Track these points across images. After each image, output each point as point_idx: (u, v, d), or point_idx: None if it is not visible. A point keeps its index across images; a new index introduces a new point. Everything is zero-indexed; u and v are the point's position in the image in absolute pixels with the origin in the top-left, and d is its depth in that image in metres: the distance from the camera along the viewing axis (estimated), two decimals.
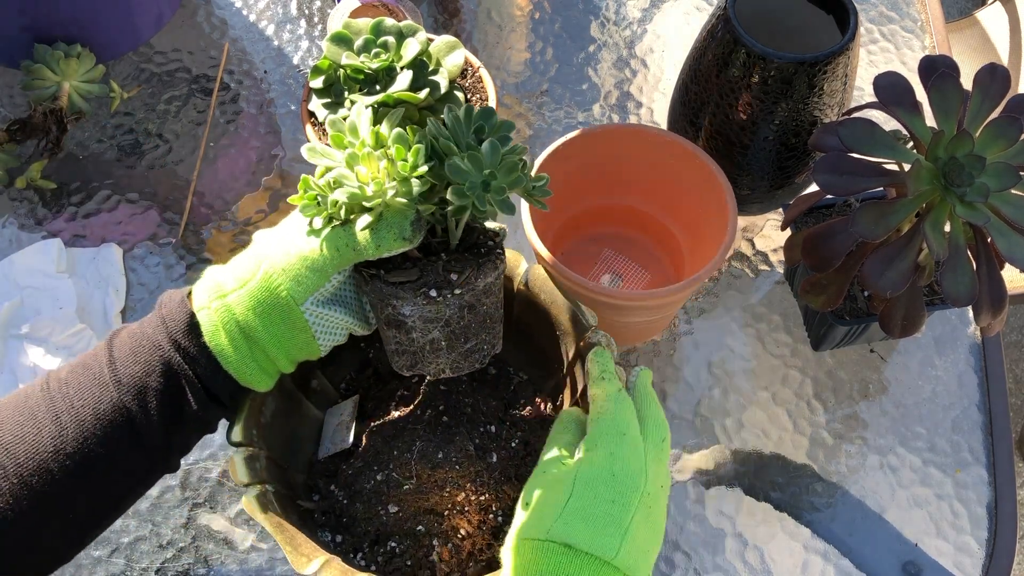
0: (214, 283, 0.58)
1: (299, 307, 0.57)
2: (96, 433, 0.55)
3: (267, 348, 0.57)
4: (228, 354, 0.56)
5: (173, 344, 0.56)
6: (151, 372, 0.56)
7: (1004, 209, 0.66)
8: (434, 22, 1.06)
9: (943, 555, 0.78)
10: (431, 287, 0.58)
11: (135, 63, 1.02)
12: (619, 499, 0.53)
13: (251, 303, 0.56)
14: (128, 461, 0.56)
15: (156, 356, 0.56)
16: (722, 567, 0.77)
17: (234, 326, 0.56)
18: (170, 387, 0.56)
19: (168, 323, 0.57)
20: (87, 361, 0.57)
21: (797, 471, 0.81)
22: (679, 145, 0.79)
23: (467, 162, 0.56)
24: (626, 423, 0.56)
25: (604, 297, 0.72)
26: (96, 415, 0.55)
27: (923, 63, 0.71)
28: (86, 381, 0.56)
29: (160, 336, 0.56)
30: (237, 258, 0.59)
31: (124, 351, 0.56)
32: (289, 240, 0.58)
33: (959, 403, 0.84)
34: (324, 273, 0.57)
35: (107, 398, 0.55)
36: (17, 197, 0.94)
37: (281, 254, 0.57)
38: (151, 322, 0.57)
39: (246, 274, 0.57)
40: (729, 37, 0.74)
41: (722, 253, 0.73)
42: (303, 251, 0.57)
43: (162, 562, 0.76)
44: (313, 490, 0.68)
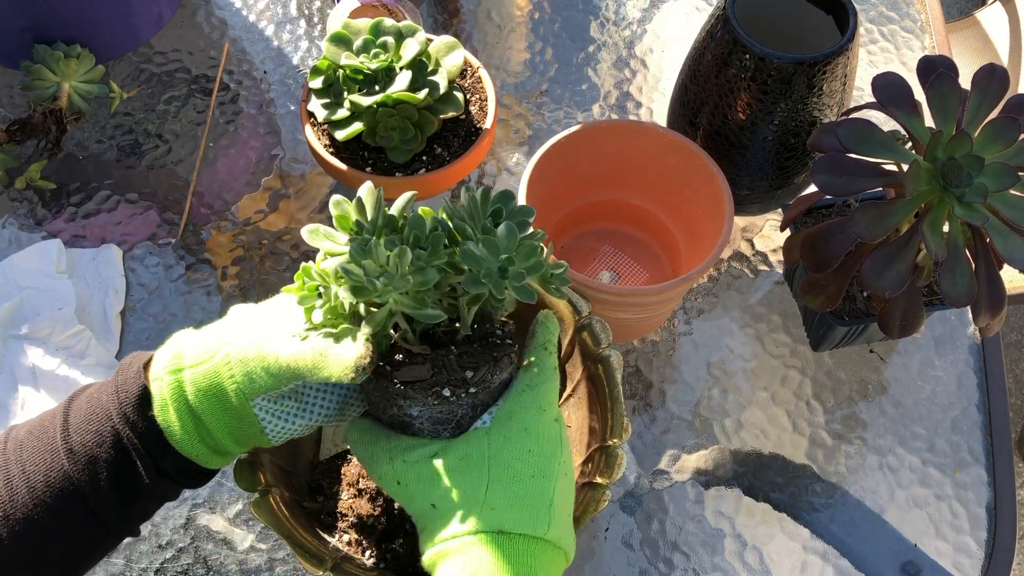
0: (174, 353, 0.55)
1: (248, 402, 0.54)
2: (47, 501, 0.53)
3: (213, 432, 0.54)
4: (175, 432, 0.54)
5: (122, 416, 0.54)
6: (102, 443, 0.53)
7: (1003, 209, 0.66)
8: (434, 22, 1.06)
9: (942, 555, 0.78)
10: (444, 386, 0.53)
11: (135, 63, 1.02)
12: (539, 472, 0.52)
13: (203, 384, 0.53)
14: (81, 531, 0.54)
15: (107, 427, 0.54)
16: (721, 567, 0.77)
17: (182, 404, 0.53)
18: (121, 460, 0.54)
19: (120, 393, 0.54)
20: (44, 423, 0.55)
21: (796, 471, 0.81)
22: (679, 143, 0.79)
23: (482, 247, 0.52)
24: (549, 400, 0.55)
25: (596, 292, 0.72)
26: (47, 483, 0.53)
27: (922, 63, 0.71)
28: (40, 446, 0.54)
29: (111, 406, 0.54)
30: (207, 328, 0.57)
31: (79, 418, 0.54)
32: (260, 330, 0.54)
33: (958, 403, 0.84)
34: (279, 380, 0.53)
35: (58, 466, 0.53)
36: (17, 197, 0.94)
37: (245, 343, 0.54)
38: (107, 388, 0.55)
39: (205, 354, 0.54)
40: (728, 37, 0.74)
41: (715, 254, 0.73)
42: (264, 352, 0.53)
43: (161, 562, 0.76)
44: (317, 491, 0.68)
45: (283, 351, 0.53)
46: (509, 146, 0.97)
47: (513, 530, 0.50)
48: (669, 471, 0.80)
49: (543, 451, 0.53)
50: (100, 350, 0.83)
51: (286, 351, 0.53)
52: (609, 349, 0.64)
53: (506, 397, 0.55)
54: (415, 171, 0.78)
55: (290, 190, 0.94)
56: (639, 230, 0.88)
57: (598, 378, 0.65)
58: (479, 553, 0.49)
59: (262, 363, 0.53)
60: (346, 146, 0.79)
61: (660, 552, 0.77)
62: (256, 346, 0.54)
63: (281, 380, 0.53)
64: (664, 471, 0.80)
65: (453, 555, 0.50)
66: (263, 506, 0.59)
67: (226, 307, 0.87)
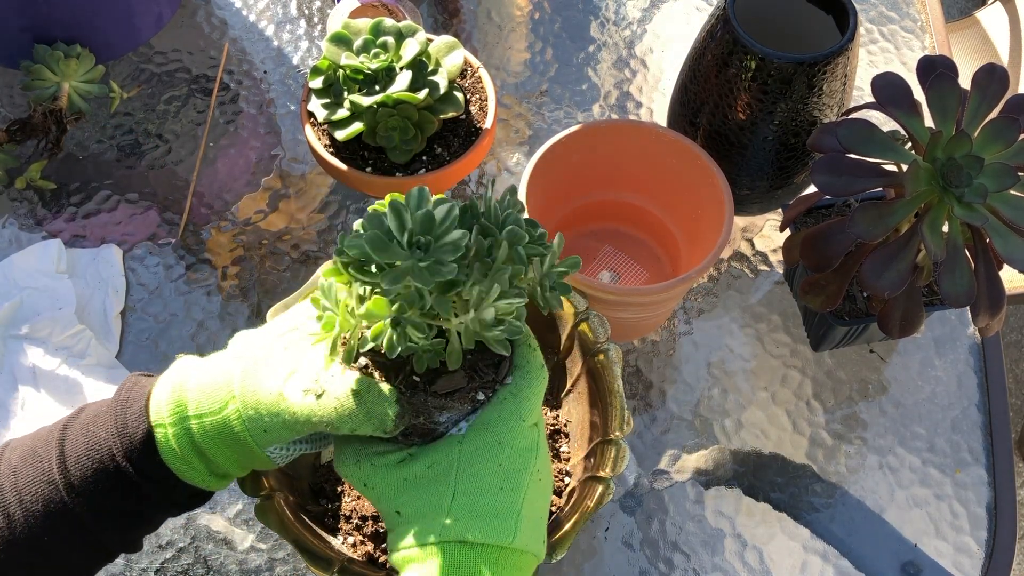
0: (176, 396, 0.54)
1: (261, 450, 0.54)
2: (48, 528, 0.53)
3: (222, 466, 0.55)
4: (183, 471, 0.54)
5: (128, 460, 0.53)
6: (103, 480, 0.53)
7: (1002, 210, 0.66)
8: (434, 22, 1.06)
9: (942, 555, 0.78)
10: (478, 391, 0.53)
11: (135, 63, 1.02)
12: (508, 485, 0.51)
13: (212, 433, 0.53)
14: (82, 553, 0.54)
15: (110, 466, 0.53)
16: (721, 567, 0.77)
17: (189, 448, 0.53)
18: (126, 497, 0.54)
19: (123, 436, 0.53)
20: (38, 451, 0.54)
21: (796, 471, 0.81)
22: (679, 143, 0.79)
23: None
24: (530, 408, 0.53)
25: (596, 292, 0.72)
26: (47, 514, 0.53)
27: (921, 63, 0.71)
28: (35, 475, 0.53)
29: (115, 448, 0.53)
30: (210, 362, 0.55)
31: (76, 451, 0.54)
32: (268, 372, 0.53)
33: (958, 403, 0.84)
34: (296, 432, 0.53)
35: (57, 499, 0.53)
36: (17, 197, 0.94)
37: (253, 393, 0.53)
38: (105, 425, 0.54)
39: (211, 404, 0.53)
40: (728, 37, 0.74)
41: (715, 253, 0.73)
42: (275, 403, 0.52)
43: (161, 562, 0.76)
44: (319, 494, 0.68)
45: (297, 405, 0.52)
46: (509, 146, 0.97)
47: (477, 540, 0.49)
48: (669, 471, 0.80)
49: (514, 463, 0.51)
50: (100, 350, 0.83)
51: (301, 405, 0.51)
52: (608, 343, 0.64)
53: (489, 404, 0.53)
54: (415, 171, 0.78)
55: (290, 190, 0.94)
56: (639, 230, 0.88)
57: (598, 372, 0.65)
58: (441, 561, 0.49)
59: (277, 418, 0.52)
60: (346, 146, 0.79)
61: (660, 552, 0.77)
62: (269, 398, 0.52)
63: (299, 433, 0.53)
64: (664, 471, 0.80)
65: (416, 562, 0.50)
66: (268, 511, 0.59)
67: (226, 307, 0.87)
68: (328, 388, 0.51)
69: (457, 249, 0.48)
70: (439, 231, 0.49)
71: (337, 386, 0.51)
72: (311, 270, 0.89)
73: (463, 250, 0.48)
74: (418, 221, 0.48)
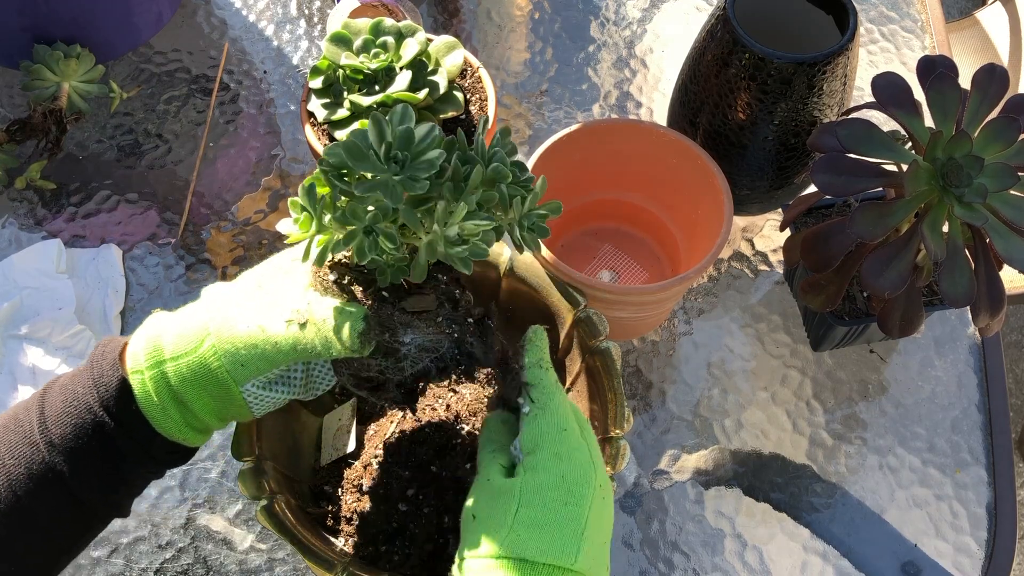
0: (152, 343, 0.54)
1: (238, 387, 0.54)
2: (30, 491, 0.53)
3: (200, 415, 0.55)
4: (159, 420, 0.54)
5: (104, 409, 0.53)
6: (83, 435, 0.53)
7: (1002, 210, 0.66)
8: (434, 22, 1.06)
9: (942, 555, 0.78)
10: (444, 318, 0.53)
11: (135, 63, 1.02)
12: (572, 499, 0.50)
13: (188, 375, 0.53)
14: (68, 516, 0.55)
15: (88, 419, 0.53)
16: (721, 567, 0.77)
17: (166, 394, 0.54)
18: (105, 450, 0.54)
19: (99, 386, 0.54)
20: (19, 416, 0.55)
21: (796, 471, 0.81)
22: (680, 143, 0.79)
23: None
24: (565, 417, 0.53)
25: (595, 291, 0.72)
26: (29, 475, 0.53)
27: (921, 63, 0.71)
28: (16, 439, 0.54)
29: (91, 399, 0.54)
30: (183, 313, 0.56)
31: (55, 410, 0.54)
32: (243, 312, 0.54)
33: (958, 403, 0.84)
34: (275, 364, 0.53)
35: (38, 459, 0.53)
36: (17, 197, 0.94)
37: (229, 329, 0.53)
38: (82, 380, 0.55)
39: (187, 344, 0.54)
40: (728, 37, 0.74)
41: (714, 253, 0.73)
42: (254, 336, 0.53)
43: (161, 562, 0.76)
44: (321, 496, 0.68)
45: (280, 335, 0.52)
46: None
47: (537, 559, 0.48)
48: (669, 471, 0.80)
49: (576, 475, 0.51)
50: None
51: (285, 334, 0.52)
52: (607, 341, 0.64)
53: (522, 427, 0.53)
54: None
55: (290, 190, 0.94)
56: (639, 229, 0.88)
57: (597, 370, 0.65)
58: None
59: (255, 349, 0.53)
60: None
61: (660, 552, 0.77)
62: (246, 331, 0.53)
63: (278, 364, 0.53)
64: (664, 471, 0.80)
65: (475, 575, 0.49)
66: (270, 514, 0.59)
67: None
68: (312, 315, 0.52)
69: (432, 166, 0.49)
70: (417, 148, 0.50)
71: (319, 311, 0.52)
72: None
73: (437, 168, 0.49)
74: (398, 136, 0.50)
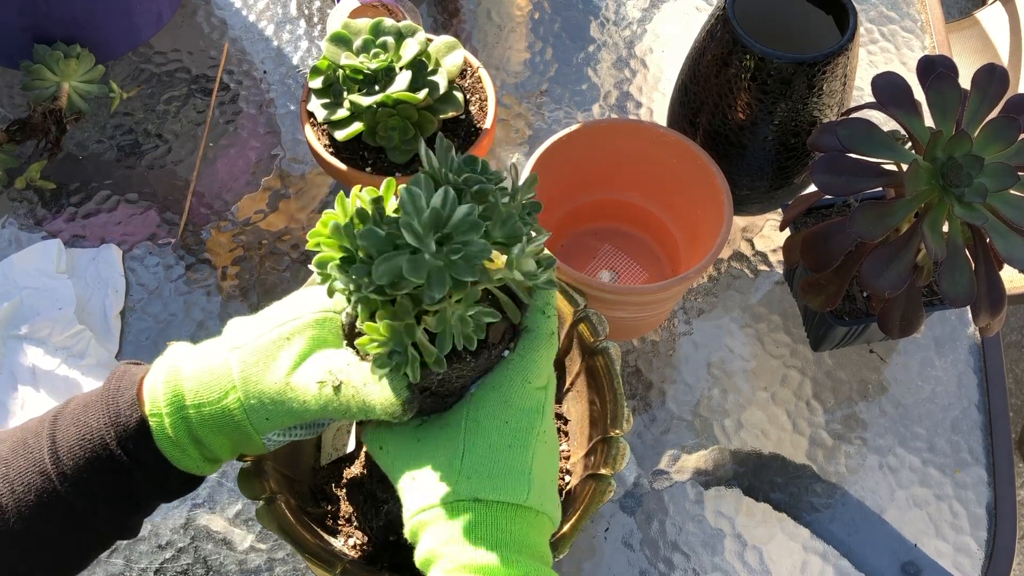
0: (172, 385, 0.54)
1: (260, 437, 0.54)
2: (43, 519, 0.53)
3: (216, 452, 0.55)
4: (178, 459, 0.54)
5: (121, 447, 0.53)
6: (97, 469, 0.53)
7: (1002, 209, 0.66)
8: (433, 22, 1.06)
9: (942, 555, 0.78)
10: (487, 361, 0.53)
11: (135, 63, 1.02)
12: (516, 442, 0.51)
13: (210, 422, 0.53)
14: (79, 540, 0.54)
15: (103, 454, 0.53)
16: (721, 567, 0.77)
17: (186, 437, 0.53)
18: (119, 484, 0.54)
19: (117, 424, 0.53)
20: (28, 442, 0.54)
21: (796, 471, 0.81)
22: (679, 143, 0.79)
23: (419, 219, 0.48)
24: (537, 370, 0.53)
25: (595, 291, 0.72)
26: (39, 503, 0.53)
27: (921, 63, 0.71)
28: (27, 466, 0.53)
29: (107, 436, 0.53)
30: (205, 350, 0.55)
31: (69, 441, 0.53)
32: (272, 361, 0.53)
33: (958, 403, 0.84)
34: (299, 419, 0.53)
35: (50, 489, 0.53)
36: (17, 197, 0.94)
37: (256, 383, 0.53)
38: (96, 413, 0.54)
39: (210, 393, 0.53)
40: (728, 37, 0.74)
41: (714, 253, 0.73)
42: (282, 393, 0.52)
43: (161, 562, 0.76)
44: (320, 496, 0.68)
45: (312, 395, 0.52)
46: (509, 146, 0.97)
47: (490, 497, 0.49)
48: (669, 471, 0.80)
49: (521, 422, 0.52)
50: (100, 350, 0.83)
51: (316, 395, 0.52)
52: (607, 341, 0.64)
53: (498, 366, 0.53)
54: (415, 171, 0.78)
55: (290, 190, 0.94)
56: (639, 229, 0.88)
57: (597, 370, 0.65)
58: (456, 520, 0.49)
59: (282, 407, 0.53)
60: (346, 146, 0.79)
61: (660, 552, 0.77)
62: (274, 387, 0.53)
63: (304, 419, 0.53)
64: (664, 471, 0.80)
65: (431, 524, 0.50)
66: (269, 514, 0.59)
67: (226, 307, 0.87)
68: (350, 378, 0.52)
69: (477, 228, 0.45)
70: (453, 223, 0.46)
71: (356, 376, 0.52)
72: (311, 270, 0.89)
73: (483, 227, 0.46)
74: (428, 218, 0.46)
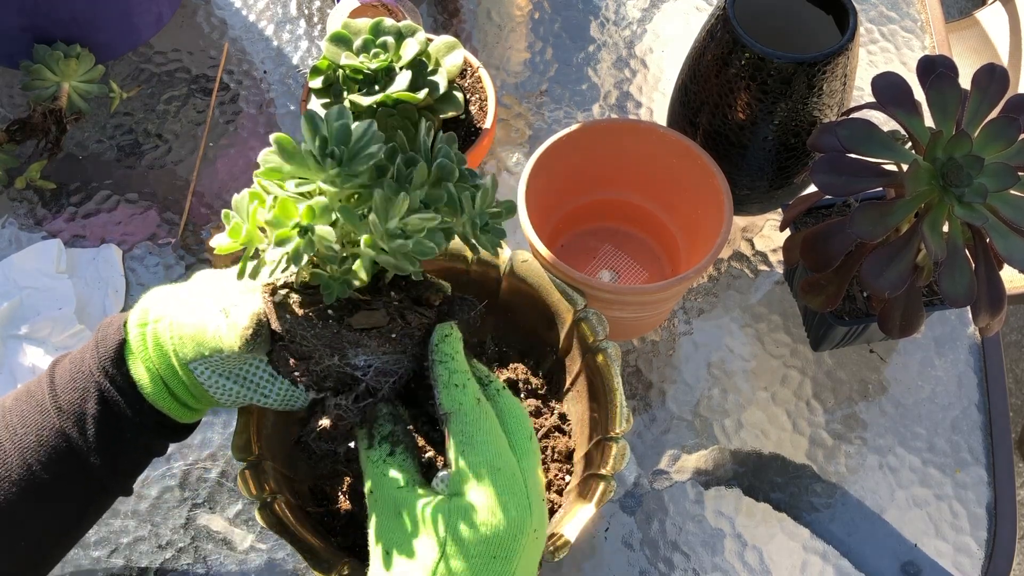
0: (143, 307, 0.57)
1: (186, 366, 0.55)
2: (40, 459, 0.54)
3: (171, 387, 0.56)
4: (144, 385, 0.56)
5: (102, 370, 0.55)
6: (87, 399, 0.55)
7: (1003, 209, 0.66)
8: (433, 22, 1.06)
9: (942, 555, 0.78)
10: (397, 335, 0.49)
11: (135, 63, 1.02)
12: (501, 553, 0.46)
13: (151, 342, 0.55)
14: (75, 486, 0.56)
15: (91, 383, 0.55)
16: (721, 567, 0.77)
17: (146, 358, 0.55)
18: (106, 414, 0.55)
19: (100, 349, 0.56)
20: (31, 388, 0.57)
21: (796, 471, 0.81)
22: (679, 143, 0.79)
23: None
24: (496, 452, 0.48)
25: (595, 291, 0.72)
26: (39, 441, 0.55)
27: (921, 63, 0.71)
28: (29, 408, 0.56)
29: (92, 363, 0.56)
30: (176, 287, 0.58)
31: (64, 378, 0.56)
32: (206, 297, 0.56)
33: (959, 403, 0.84)
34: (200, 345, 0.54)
35: (48, 424, 0.55)
36: (17, 197, 0.94)
37: (185, 309, 0.55)
38: (88, 346, 0.57)
39: (160, 315, 0.56)
40: (728, 37, 0.74)
41: (714, 253, 0.73)
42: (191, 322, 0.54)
43: (161, 562, 0.76)
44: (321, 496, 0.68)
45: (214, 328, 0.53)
46: (509, 146, 0.97)
47: None
48: (669, 471, 0.80)
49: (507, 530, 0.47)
50: None
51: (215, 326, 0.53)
52: (607, 340, 0.64)
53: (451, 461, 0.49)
54: None
55: None
56: (639, 229, 0.88)
57: (597, 369, 0.65)
58: None
59: (185, 328, 0.55)
60: None
61: (660, 552, 0.77)
62: (190, 314, 0.55)
63: (199, 350, 0.54)
64: (664, 471, 0.80)
65: None
66: (270, 514, 0.59)
67: None
68: (237, 308, 0.52)
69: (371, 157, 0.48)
70: (356, 146, 0.49)
71: (244, 308, 0.52)
72: None
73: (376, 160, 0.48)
74: (334, 132, 0.49)
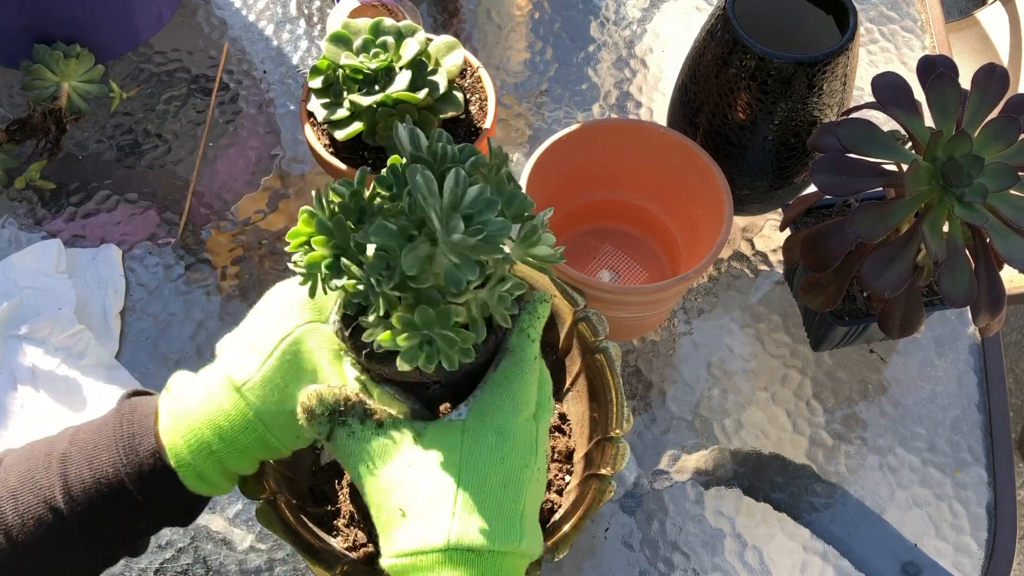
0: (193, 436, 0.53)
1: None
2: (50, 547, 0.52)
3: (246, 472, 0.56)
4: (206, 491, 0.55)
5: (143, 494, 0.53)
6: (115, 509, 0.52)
7: (1002, 209, 0.66)
8: (433, 22, 1.06)
9: (942, 555, 0.78)
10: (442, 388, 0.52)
11: (134, 63, 1.02)
12: (511, 482, 0.49)
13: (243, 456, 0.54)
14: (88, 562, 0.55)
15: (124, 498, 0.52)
16: (721, 567, 0.77)
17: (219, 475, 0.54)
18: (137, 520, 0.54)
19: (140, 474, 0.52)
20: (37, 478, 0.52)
21: (796, 471, 0.81)
22: (679, 143, 0.79)
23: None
24: (526, 399, 0.51)
25: (595, 291, 0.72)
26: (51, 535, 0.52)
27: (921, 63, 0.71)
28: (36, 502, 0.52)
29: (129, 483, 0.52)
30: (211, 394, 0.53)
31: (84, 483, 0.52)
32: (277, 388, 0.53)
33: (958, 403, 0.84)
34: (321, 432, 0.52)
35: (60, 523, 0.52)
36: (16, 197, 0.94)
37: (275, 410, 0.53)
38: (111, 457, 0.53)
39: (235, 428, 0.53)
40: (728, 37, 0.74)
41: (714, 253, 0.73)
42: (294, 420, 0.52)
43: (161, 562, 0.76)
44: (320, 495, 0.68)
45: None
46: (509, 146, 0.97)
47: (484, 547, 0.47)
48: (669, 471, 0.80)
49: (516, 459, 0.50)
50: (99, 350, 0.83)
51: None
52: (607, 340, 0.64)
53: (482, 389, 0.51)
54: None
55: (290, 190, 0.94)
56: (639, 229, 0.88)
57: (597, 370, 0.65)
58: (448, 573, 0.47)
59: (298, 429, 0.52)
60: (346, 146, 0.79)
61: (660, 552, 0.77)
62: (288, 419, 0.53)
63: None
64: (664, 471, 0.80)
65: (422, 573, 0.47)
66: (269, 514, 0.59)
67: (226, 307, 0.87)
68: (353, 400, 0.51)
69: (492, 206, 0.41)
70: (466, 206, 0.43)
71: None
72: None
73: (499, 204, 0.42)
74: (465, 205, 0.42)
